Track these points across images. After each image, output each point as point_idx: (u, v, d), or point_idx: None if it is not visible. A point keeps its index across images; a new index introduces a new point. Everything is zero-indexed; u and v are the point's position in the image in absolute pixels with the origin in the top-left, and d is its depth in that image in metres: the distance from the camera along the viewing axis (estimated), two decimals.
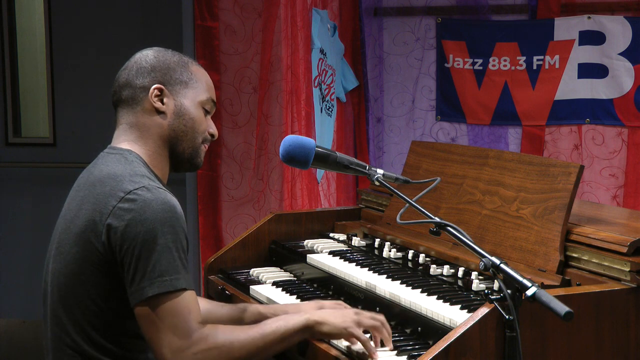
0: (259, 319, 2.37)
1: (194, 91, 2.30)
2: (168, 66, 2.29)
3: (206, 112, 2.34)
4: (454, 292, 2.50)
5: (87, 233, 2.12)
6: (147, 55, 2.31)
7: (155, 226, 2.06)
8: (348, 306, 2.45)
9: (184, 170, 2.36)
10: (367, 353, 2.20)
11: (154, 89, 2.26)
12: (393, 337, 2.33)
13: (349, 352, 2.27)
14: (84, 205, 2.17)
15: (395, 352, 2.24)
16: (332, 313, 2.26)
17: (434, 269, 2.70)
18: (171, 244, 2.07)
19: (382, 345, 2.28)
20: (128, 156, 2.23)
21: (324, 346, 2.32)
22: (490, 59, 5.19)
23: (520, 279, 1.92)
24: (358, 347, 2.25)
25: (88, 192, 2.18)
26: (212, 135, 2.37)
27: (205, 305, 2.53)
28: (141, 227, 2.06)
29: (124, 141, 2.28)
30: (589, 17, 5.02)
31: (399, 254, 2.93)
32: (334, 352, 2.29)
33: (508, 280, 1.95)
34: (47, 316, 2.24)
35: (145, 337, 2.09)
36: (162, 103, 2.26)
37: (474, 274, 2.56)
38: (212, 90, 2.37)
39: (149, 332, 2.07)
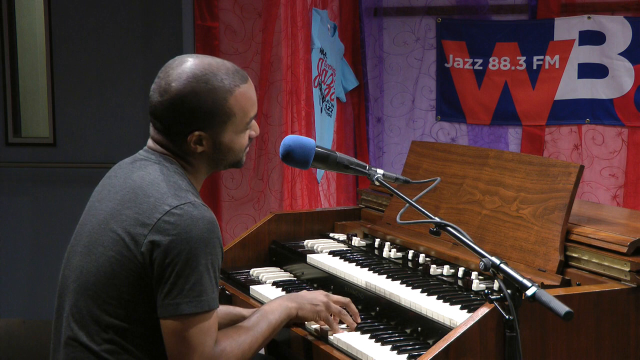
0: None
1: (233, 126, 2.24)
2: (208, 111, 2.19)
3: (248, 129, 2.31)
4: (454, 292, 2.50)
5: (127, 241, 2.13)
6: (187, 96, 2.18)
7: (199, 246, 2.10)
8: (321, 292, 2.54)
9: None
10: (330, 329, 2.42)
11: (193, 136, 2.22)
12: (393, 336, 2.35)
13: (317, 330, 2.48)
14: (124, 210, 2.17)
15: (396, 351, 2.25)
16: (305, 299, 2.43)
17: (434, 269, 2.69)
18: (211, 265, 2.12)
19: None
20: (169, 167, 2.23)
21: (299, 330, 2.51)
22: (490, 59, 5.18)
23: (520, 279, 1.92)
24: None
25: (128, 198, 2.18)
26: (252, 138, 2.36)
27: None
28: (186, 245, 2.09)
29: (164, 151, 2.27)
30: (589, 17, 5.02)
31: (399, 254, 2.93)
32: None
33: (508, 280, 1.95)
34: (62, 311, 2.24)
35: (169, 350, 2.12)
36: (201, 145, 2.24)
37: (474, 274, 2.56)
38: (254, 107, 2.29)
39: (177, 346, 2.11)
